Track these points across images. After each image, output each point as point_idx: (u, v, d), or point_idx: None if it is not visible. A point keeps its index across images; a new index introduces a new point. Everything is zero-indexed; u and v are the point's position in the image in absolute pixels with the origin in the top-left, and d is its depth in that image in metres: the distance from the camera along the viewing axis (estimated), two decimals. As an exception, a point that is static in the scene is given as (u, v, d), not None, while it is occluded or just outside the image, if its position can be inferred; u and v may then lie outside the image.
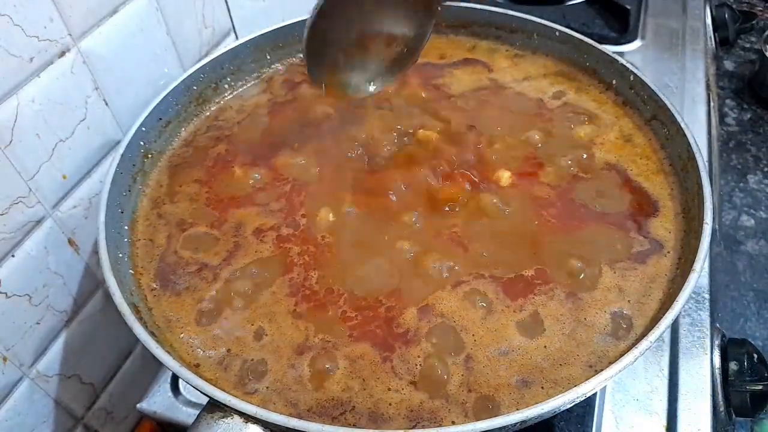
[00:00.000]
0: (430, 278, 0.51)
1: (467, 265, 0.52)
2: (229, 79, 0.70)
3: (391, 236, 0.55)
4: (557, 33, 0.70)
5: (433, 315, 0.49)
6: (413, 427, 0.43)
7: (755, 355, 0.64)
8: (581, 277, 0.51)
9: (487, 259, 0.52)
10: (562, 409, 0.41)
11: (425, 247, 0.53)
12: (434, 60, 0.74)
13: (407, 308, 0.49)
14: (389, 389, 0.45)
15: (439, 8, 0.59)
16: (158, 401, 0.60)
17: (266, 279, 0.52)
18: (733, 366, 0.62)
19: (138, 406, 0.60)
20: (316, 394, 0.45)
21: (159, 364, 0.45)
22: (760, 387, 0.61)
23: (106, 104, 0.60)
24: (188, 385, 0.46)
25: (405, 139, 0.64)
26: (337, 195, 0.58)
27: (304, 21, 0.71)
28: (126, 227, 0.56)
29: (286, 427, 0.40)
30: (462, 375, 0.46)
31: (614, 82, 0.67)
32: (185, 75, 0.65)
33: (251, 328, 0.49)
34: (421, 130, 0.64)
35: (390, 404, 0.44)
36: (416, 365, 0.46)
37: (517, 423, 0.39)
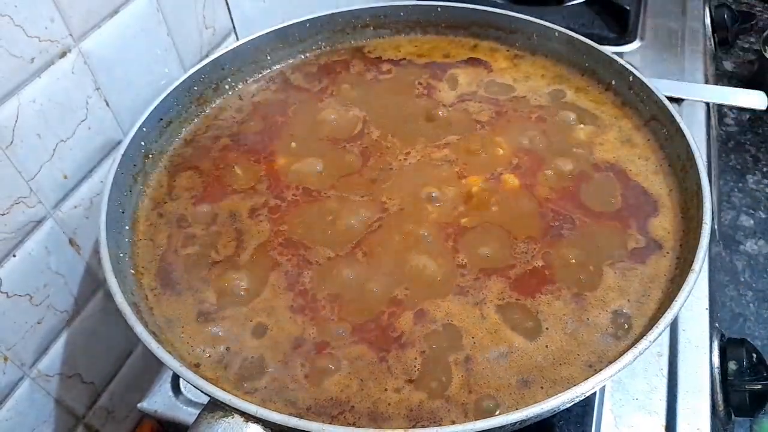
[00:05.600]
0: (430, 277, 0.51)
1: (471, 266, 0.52)
2: (229, 80, 0.70)
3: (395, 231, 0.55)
4: (556, 34, 0.70)
5: (433, 317, 0.49)
6: (413, 427, 0.43)
7: (754, 355, 0.64)
8: (583, 277, 0.51)
9: (490, 259, 0.53)
10: (562, 408, 0.42)
11: (426, 245, 0.54)
12: (439, 59, 0.74)
13: (405, 311, 0.50)
14: (386, 389, 0.45)
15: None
16: (159, 401, 0.60)
17: (263, 273, 0.52)
18: (732, 366, 0.62)
19: (139, 405, 0.60)
20: (315, 393, 0.45)
21: (160, 364, 0.45)
22: (759, 386, 0.61)
23: (107, 104, 0.61)
24: (189, 385, 0.46)
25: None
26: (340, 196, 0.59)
27: (304, 22, 0.73)
28: (127, 227, 0.56)
29: (287, 427, 0.40)
30: (462, 376, 0.46)
31: (613, 82, 0.67)
32: (186, 75, 0.65)
33: (250, 325, 0.49)
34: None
35: (389, 404, 0.44)
36: (414, 367, 0.46)
37: (516, 422, 0.39)
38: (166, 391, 0.61)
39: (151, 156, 0.62)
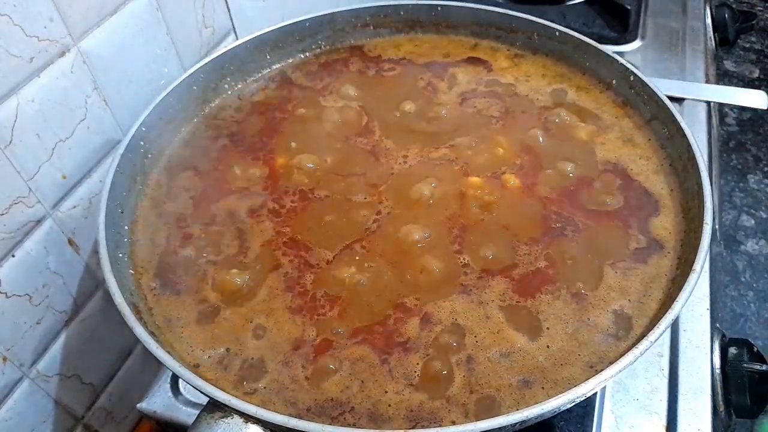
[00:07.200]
0: (434, 277, 0.51)
1: (474, 265, 0.52)
2: (228, 79, 0.70)
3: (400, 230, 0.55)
4: (557, 33, 0.70)
5: (438, 318, 0.49)
6: (413, 427, 0.43)
7: (755, 350, 0.64)
8: (584, 277, 0.51)
9: (493, 259, 0.52)
10: (562, 409, 0.41)
11: (428, 245, 0.54)
12: (439, 59, 0.74)
13: (411, 316, 0.49)
14: (386, 391, 0.45)
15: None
16: (158, 401, 0.60)
17: (262, 274, 0.52)
18: (732, 350, 0.62)
19: (138, 406, 0.60)
20: (315, 394, 0.45)
21: (159, 364, 0.45)
22: (759, 367, 0.61)
23: (106, 104, 0.60)
24: (188, 385, 0.46)
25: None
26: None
27: (304, 21, 0.73)
28: (126, 227, 0.56)
29: (287, 428, 0.40)
30: (464, 376, 0.45)
31: (614, 82, 0.67)
32: (185, 75, 0.65)
33: (250, 326, 0.49)
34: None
35: (389, 405, 0.44)
36: (415, 372, 0.46)
37: (517, 423, 0.39)
38: (165, 392, 0.61)
39: (150, 156, 0.62)
